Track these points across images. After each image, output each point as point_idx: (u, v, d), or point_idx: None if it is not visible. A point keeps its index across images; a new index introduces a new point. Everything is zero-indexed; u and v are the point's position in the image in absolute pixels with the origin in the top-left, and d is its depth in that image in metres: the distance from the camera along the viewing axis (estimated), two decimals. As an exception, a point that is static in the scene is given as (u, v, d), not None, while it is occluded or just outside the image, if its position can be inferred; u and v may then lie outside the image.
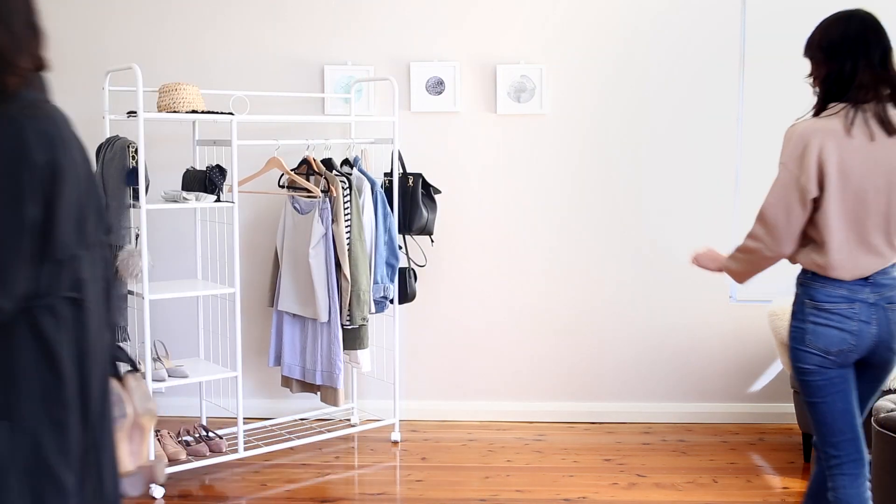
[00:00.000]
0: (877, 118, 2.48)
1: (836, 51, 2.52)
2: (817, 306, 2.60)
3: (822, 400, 2.61)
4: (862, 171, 2.48)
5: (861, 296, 2.55)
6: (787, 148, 2.54)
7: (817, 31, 2.59)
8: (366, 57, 4.56)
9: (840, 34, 2.53)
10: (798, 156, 2.50)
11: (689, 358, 4.69)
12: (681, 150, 4.58)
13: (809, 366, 2.61)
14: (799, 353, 2.64)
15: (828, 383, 2.59)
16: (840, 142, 2.47)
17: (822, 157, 2.47)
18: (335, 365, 4.08)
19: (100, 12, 4.56)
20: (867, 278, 2.55)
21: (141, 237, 3.58)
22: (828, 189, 2.49)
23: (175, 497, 3.70)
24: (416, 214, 4.31)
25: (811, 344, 2.60)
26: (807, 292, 2.64)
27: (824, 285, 2.58)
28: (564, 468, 4.04)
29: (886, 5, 4.57)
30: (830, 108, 2.54)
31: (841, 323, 2.56)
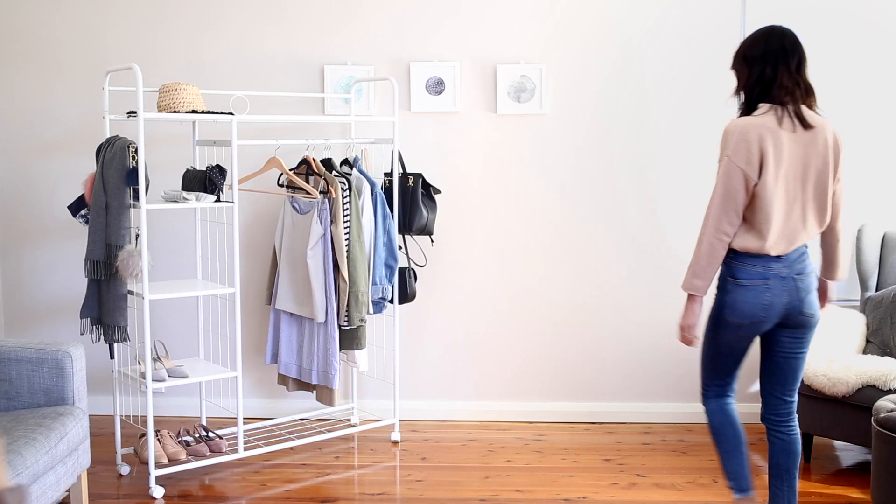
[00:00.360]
0: (796, 115, 2.91)
1: (759, 59, 2.96)
2: (737, 283, 2.94)
3: (727, 352, 3.07)
4: (790, 159, 2.88)
5: (774, 271, 2.92)
6: (730, 143, 2.90)
7: (743, 46, 3.02)
8: (366, 57, 4.56)
9: (763, 45, 2.98)
10: (742, 149, 2.87)
11: (689, 358, 4.69)
12: (680, 150, 4.58)
13: (724, 330, 3.01)
14: (717, 321, 3.02)
15: (736, 344, 3.03)
16: (774, 135, 2.88)
17: (762, 148, 2.86)
18: (331, 365, 4.08)
19: (100, 12, 4.56)
20: (780, 255, 2.92)
21: (141, 237, 3.58)
22: (766, 176, 2.86)
23: (175, 497, 3.70)
24: (416, 214, 4.31)
25: (728, 315, 2.97)
26: (729, 270, 2.97)
27: (743, 264, 2.93)
28: (564, 468, 4.04)
29: (887, 5, 4.60)
30: (759, 108, 2.95)
31: (755, 297, 2.93)
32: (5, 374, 3.34)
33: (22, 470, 2.84)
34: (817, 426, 4.01)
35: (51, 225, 4.66)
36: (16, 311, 4.75)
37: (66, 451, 3.16)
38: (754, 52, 3.00)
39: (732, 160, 2.88)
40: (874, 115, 4.57)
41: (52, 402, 3.34)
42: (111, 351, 3.87)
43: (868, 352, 4.20)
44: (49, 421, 3.14)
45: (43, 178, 4.65)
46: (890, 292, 4.25)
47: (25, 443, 2.94)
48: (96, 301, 3.77)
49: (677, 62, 4.53)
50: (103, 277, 3.68)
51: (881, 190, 4.61)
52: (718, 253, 2.92)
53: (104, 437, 4.29)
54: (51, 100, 4.61)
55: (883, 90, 4.56)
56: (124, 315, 3.66)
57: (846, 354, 4.06)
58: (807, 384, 3.94)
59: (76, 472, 3.30)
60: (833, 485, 3.86)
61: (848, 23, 4.52)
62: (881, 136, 4.59)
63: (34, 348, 3.35)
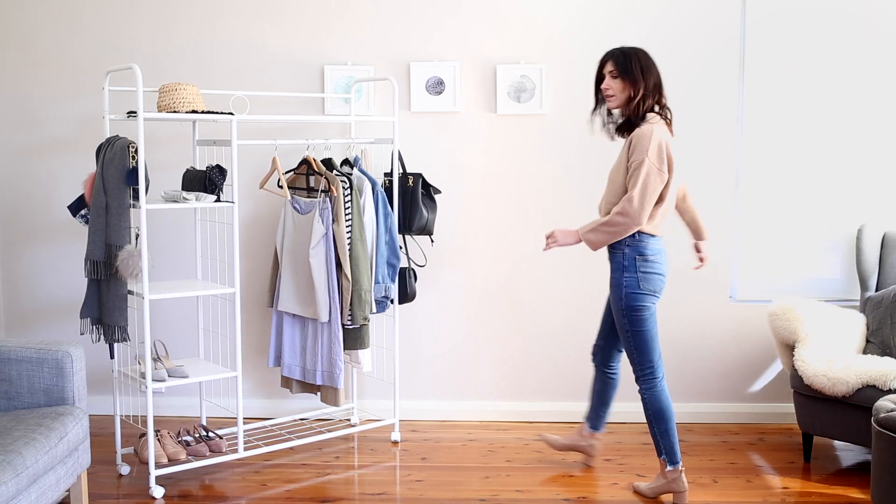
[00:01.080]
0: (669, 123, 3.59)
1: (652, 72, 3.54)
2: (646, 259, 3.55)
3: (649, 329, 3.59)
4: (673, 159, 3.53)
5: (663, 247, 3.61)
6: (646, 146, 3.44)
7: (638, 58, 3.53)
8: (366, 57, 4.56)
9: (651, 61, 3.56)
10: (656, 152, 3.45)
11: (689, 358, 4.69)
12: (681, 150, 4.56)
13: (643, 304, 3.57)
14: (636, 297, 3.57)
15: (651, 316, 3.59)
16: (669, 139, 3.52)
17: (669, 153, 3.49)
18: (336, 365, 4.08)
19: (100, 12, 4.56)
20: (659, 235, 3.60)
21: (141, 237, 3.58)
22: (671, 176, 3.51)
23: (175, 497, 3.70)
24: (416, 214, 4.31)
25: (645, 288, 3.56)
26: (637, 249, 3.55)
27: (650, 242, 3.56)
28: (564, 468, 4.04)
29: (886, 5, 4.60)
30: (651, 117, 3.52)
31: (659, 269, 3.59)
32: (5, 374, 3.34)
33: (22, 470, 2.84)
34: (817, 426, 4.01)
35: (51, 225, 4.66)
36: (16, 311, 4.75)
37: (66, 451, 3.16)
38: (649, 64, 3.54)
39: (655, 164, 3.44)
40: (874, 115, 4.58)
41: (52, 402, 3.34)
42: (111, 351, 3.87)
43: (868, 352, 4.20)
44: (49, 421, 3.14)
45: (43, 178, 4.65)
46: (890, 292, 4.25)
47: (25, 443, 2.94)
48: (96, 301, 3.77)
49: (678, 63, 4.53)
50: (103, 277, 3.68)
51: (881, 190, 4.61)
52: (624, 236, 3.53)
53: (104, 437, 4.29)
54: (51, 100, 4.61)
55: (883, 90, 4.56)
56: (124, 315, 3.66)
57: (846, 354, 4.06)
58: (807, 384, 3.94)
59: (76, 472, 3.30)
60: (833, 485, 3.86)
61: (848, 23, 4.53)
62: (881, 136, 4.59)
63: (34, 348, 3.35)
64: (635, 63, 3.51)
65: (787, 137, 4.60)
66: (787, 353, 4.19)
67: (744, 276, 4.68)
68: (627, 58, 3.52)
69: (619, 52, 3.55)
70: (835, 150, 4.60)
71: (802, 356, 4.00)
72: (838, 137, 4.59)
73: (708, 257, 3.94)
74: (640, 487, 3.76)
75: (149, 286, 3.66)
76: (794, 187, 4.63)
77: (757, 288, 4.68)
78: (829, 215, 4.63)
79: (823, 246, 4.66)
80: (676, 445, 3.64)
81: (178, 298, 4.47)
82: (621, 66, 3.51)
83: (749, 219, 4.66)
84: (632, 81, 3.51)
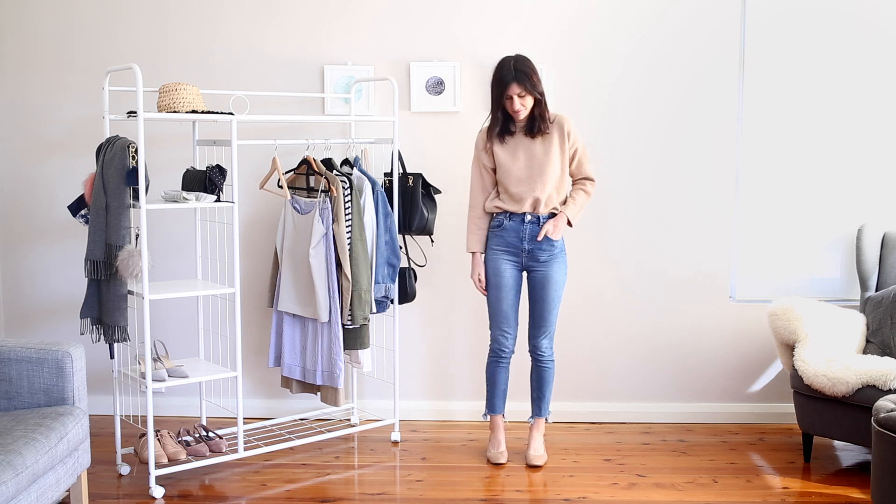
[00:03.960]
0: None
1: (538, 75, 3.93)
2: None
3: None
4: None
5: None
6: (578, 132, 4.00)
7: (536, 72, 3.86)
8: (366, 57, 4.56)
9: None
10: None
11: (689, 358, 4.69)
12: (681, 150, 4.59)
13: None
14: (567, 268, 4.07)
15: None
16: None
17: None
18: (336, 365, 4.08)
19: (100, 12, 4.56)
20: None
21: (141, 237, 3.58)
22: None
23: (175, 497, 3.70)
24: (416, 214, 4.31)
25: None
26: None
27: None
28: (564, 468, 4.04)
29: (886, 5, 4.60)
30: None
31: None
32: (5, 374, 3.34)
33: (22, 470, 2.84)
34: (817, 426, 4.01)
35: (51, 225, 4.66)
36: (16, 311, 4.75)
37: (66, 451, 3.16)
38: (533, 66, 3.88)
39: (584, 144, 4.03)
40: (874, 115, 4.58)
41: (52, 402, 3.34)
42: (111, 351, 3.87)
43: (868, 352, 4.20)
44: (49, 421, 3.14)
45: (43, 178, 4.65)
46: (890, 292, 4.25)
47: (25, 443, 2.94)
48: (96, 301, 3.77)
49: (678, 62, 4.53)
50: (103, 277, 3.68)
51: (881, 190, 4.61)
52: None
53: (104, 437, 4.29)
54: (51, 100, 4.61)
55: (883, 90, 4.56)
56: (124, 315, 3.66)
57: (846, 354, 4.06)
58: (807, 384, 3.94)
59: (76, 472, 3.30)
60: (833, 485, 3.86)
61: (847, 23, 4.53)
62: (881, 135, 4.59)
63: (34, 348, 3.35)
64: (534, 77, 3.84)
65: (786, 137, 4.60)
66: (787, 353, 4.19)
67: (744, 276, 4.68)
68: (527, 76, 3.81)
69: (519, 73, 3.81)
70: (835, 150, 4.60)
71: (802, 356, 4.00)
72: (838, 137, 4.59)
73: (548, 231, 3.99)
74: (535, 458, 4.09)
75: (149, 286, 3.66)
76: (794, 187, 4.63)
77: (757, 288, 4.68)
78: (829, 215, 4.63)
79: (823, 246, 4.66)
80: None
81: (178, 298, 4.46)
82: (528, 87, 3.82)
83: (749, 219, 4.66)
84: (537, 92, 3.85)
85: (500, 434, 4.18)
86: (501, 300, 4.04)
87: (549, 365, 4.13)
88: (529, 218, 3.96)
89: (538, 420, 4.19)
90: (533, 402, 4.19)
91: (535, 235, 3.95)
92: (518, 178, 3.93)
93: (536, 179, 3.92)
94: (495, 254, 4.02)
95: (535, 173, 3.92)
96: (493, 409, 4.18)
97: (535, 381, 4.17)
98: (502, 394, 4.18)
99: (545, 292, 4.01)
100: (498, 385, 4.16)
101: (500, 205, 3.98)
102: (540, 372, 4.14)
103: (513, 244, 3.99)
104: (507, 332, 4.08)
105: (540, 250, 3.97)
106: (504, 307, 4.04)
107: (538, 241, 3.96)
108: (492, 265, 4.03)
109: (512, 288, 4.04)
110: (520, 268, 4.03)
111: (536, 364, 4.14)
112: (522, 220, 3.96)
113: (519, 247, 3.99)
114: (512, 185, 3.94)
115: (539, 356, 4.11)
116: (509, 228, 3.98)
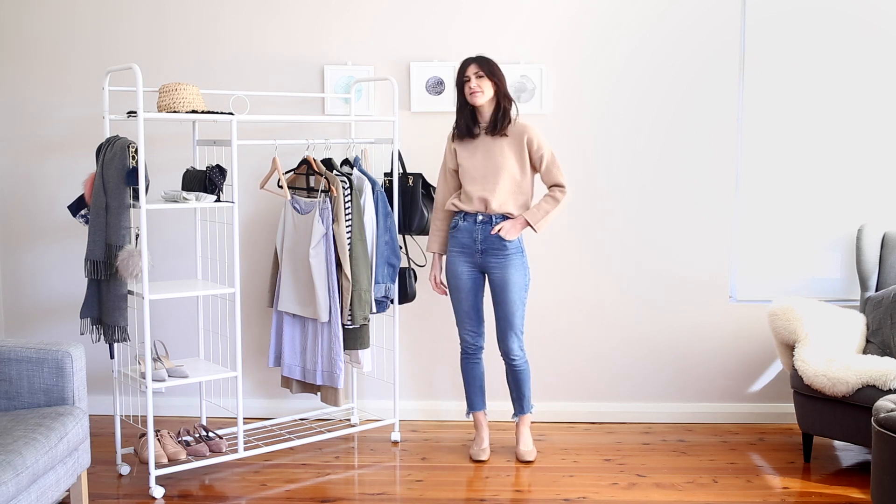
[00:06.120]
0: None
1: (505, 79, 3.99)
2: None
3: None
4: None
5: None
6: (544, 139, 4.00)
7: (499, 67, 3.93)
8: (366, 57, 4.56)
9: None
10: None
11: (689, 358, 4.69)
12: (681, 150, 4.58)
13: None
14: (528, 269, 4.05)
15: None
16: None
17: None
18: (336, 365, 4.08)
19: (100, 12, 4.56)
20: None
21: (141, 237, 3.58)
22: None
23: (175, 497, 3.70)
24: (416, 214, 4.31)
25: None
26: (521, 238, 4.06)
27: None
28: (564, 468, 4.04)
29: (886, 5, 4.60)
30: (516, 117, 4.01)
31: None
32: (5, 374, 3.34)
33: (22, 470, 2.84)
34: (817, 426, 4.01)
35: (51, 225, 4.66)
36: (16, 311, 4.75)
37: (66, 451, 3.16)
38: (499, 69, 3.96)
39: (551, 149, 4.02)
40: (874, 115, 4.58)
41: (52, 402, 3.34)
42: (111, 351, 3.87)
43: (868, 352, 4.20)
44: (49, 421, 3.14)
45: (43, 178, 4.65)
46: (890, 292, 4.25)
47: (25, 443, 2.94)
48: (96, 301, 3.77)
49: (678, 62, 4.53)
50: (103, 277, 3.68)
51: (881, 190, 4.61)
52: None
53: (104, 437, 4.29)
54: (51, 100, 4.61)
55: (883, 90, 4.56)
56: (124, 315, 3.66)
57: (846, 354, 4.06)
58: (807, 384, 3.94)
59: (76, 472, 3.30)
60: (833, 485, 3.87)
61: (847, 23, 4.53)
62: (881, 135, 4.59)
63: (34, 348, 3.35)
64: (494, 67, 3.90)
65: (786, 137, 4.60)
66: (787, 353, 4.19)
67: (744, 276, 4.68)
68: (487, 62, 3.89)
69: (479, 57, 3.92)
70: (835, 150, 4.60)
71: (802, 356, 4.00)
72: (838, 137, 4.59)
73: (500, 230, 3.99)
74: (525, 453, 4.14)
75: (149, 286, 3.66)
76: (794, 187, 4.63)
77: (757, 288, 4.68)
78: (829, 215, 4.63)
79: (823, 246, 4.66)
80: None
81: (178, 298, 4.46)
82: (486, 69, 3.87)
83: (749, 219, 4.66)
84: (496, 79, 3.90)
85: (482, 431, 4.20)
86: (461, 301, 4.07)
87: (523, 366, 4.12)
88: (481, 218, 3.97)
89: (522, 417, 4.21)
90: (514, 402, 4.22)
91: (487, 236, 3.96)
92: (473, 176, 3.97)
93: (489, 178, 3.94)
94: (453, 255, 4.05)
95: (489, 172, 3.94)
96: (473, 406, 4.21)
97: (511, 382, 4.19)
98: (479, 390, 4.19)
99: (504, 294, 4.00)
100: (473, 381, 4.18)
101: (456, 203, 4.02)
102: (514, 374, 4.15)
103: (467, 245, 4.01)
104: (471, 331, 4.11)
105: (493, 249, 3.97)
106: (465, 308, 4.08)
107: (491, 242, 3.96)
108: (450, 267, 4.06)
109: (471, 290, 4.06)
110: (477, 269, 4.05)
111: (509, 367, 4.14)
112: (475, 220, 3.99)
113: (472, 247, 4.00)
114: (467, 184, 3.98)
115: (511, 360, 4.10)
116: (463, 229, 4.01)
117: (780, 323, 4.16)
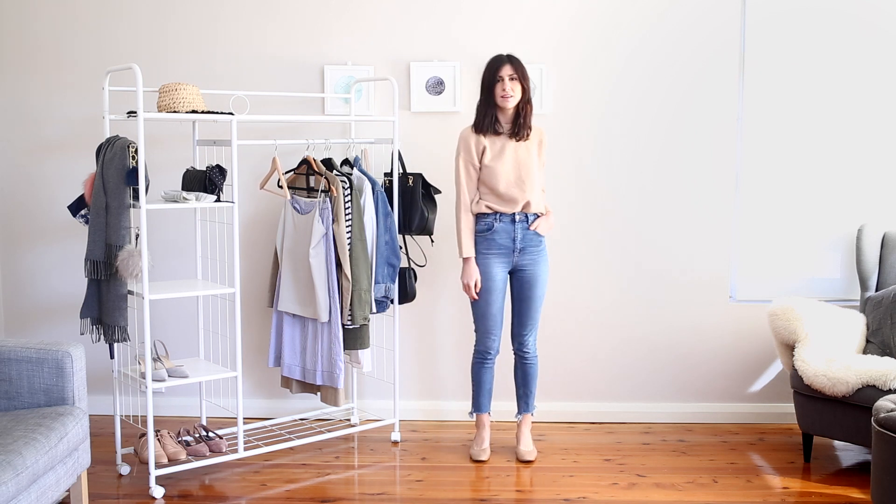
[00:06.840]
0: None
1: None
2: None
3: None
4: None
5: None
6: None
7: (527, 71, 3.95)
8: (366, 57, 4.56)
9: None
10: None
11: (689, 358, 4.69)
12: (681, 150, 4.59)
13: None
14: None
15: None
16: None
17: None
18: (336, 365, 4.08)
19: (100, 12, 4.56)
20: None
21: (141, 237, 3.58)
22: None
23: (175, 497, 3.70)
24: (416, 214, 4.31)
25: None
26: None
27: None
28: (564, 468, 4.04)
29: (886, 5, 4.60)
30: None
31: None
32: (5, 374, 3.34)
33: (22, 470, 2.84)
34: (817, 426, 4.01)
35: (51, 225, 4.66)
36: (16, 311, 4.75)
37: (66, 451, 3.16)
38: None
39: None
40: (874, 115, 4.58)
41: (52, 402, 3.34)
42: (111, 351, 3.87)
43: (868, 352, 4.20)
44: (49, 421, 3.14)
45: (43, 178, 4.65)
46: (890, 292, 4.25)
47: (25, 443, 2.94)
48: (96, 301, 3.77)
49: (678, 62, 4.53)
50: (103, 277, 3.68)
51: (881, 190, 4.61)
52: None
53: (104, 437, 4.29)
54: (51, 100, 4.61)
55: (883, 90, 4.56)
56: (124, 315, 3.66)
57: (846, 354, 4.06)
58: (807, 384, 3.94)
59: (76, 472, 3.30)
60: (833, 485, 3.87)
61: (847, 23, 4.53)
62: (881, 135, 4.59)
63: (34, 348, 3.35)
64: (526, 71, 3.94)
65: (786, 137, 4.60)
66: (787, 353, 4.19)
67: (744, 276, 4.68)
68: (521, 64, 3.92)
69: (513, 58, 3.93)
70: (835, 150, 4.60)
71: (802, 356, 4.00)
72: (838, 137, 4.59)
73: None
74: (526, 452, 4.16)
75: (149, 286, 3.66)
76: (794, 187, 4.63)
77: (757, 288, 4.68)
78: (829, 215, 4.63)
79: (823, 246, 4.66)
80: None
81: (178, 298, 4.46)
82: (520, 73, 3.90)
83: (749, 219, 4.66)
84: (526, 84, 3.93)
85: (484, 432, 4.22)
86: (492, 304, 4.06)
87: (534, 361, 4.19)
88: (520, 218, 3.99)
89: (525, 416, 4.23)
90: (519, 400, 4.24)
91: (526, 234, 3.99)
92: (508, 180, 3.95)
93: (525, 181, 3.97)
94: (486, 258, 4.02)
95: (524, 175, 3.97)
96: (480, 409, 4.23)
97: (520, 378, 4.21)
98: (488, 393, 4.22)
99: (533, 291, 4.05)
100: (484, 385, 4.20)
101: (492, 205, 3.98)
102: (525, 369, 4.18)
103: (504, 245, 4.00)
104: (494, 336, 4.12)
105: (530, 247, 4.02)
106: (493, 311, 4.07)
107: (529, 240, 4.00)
108: (484, 270, 4.03)
109: (501, 291, 4.07)
110: (509, 270, 4.06)
111: (522, 362, 4.18)
112: (513, 220, 3.99)
113: (510, 247, 4.00)
114: (501, 187, 3.95)
115: (524, 353, 4.16)
116: (500, 230, 4.00)
117: (780, 323, 4.16)
